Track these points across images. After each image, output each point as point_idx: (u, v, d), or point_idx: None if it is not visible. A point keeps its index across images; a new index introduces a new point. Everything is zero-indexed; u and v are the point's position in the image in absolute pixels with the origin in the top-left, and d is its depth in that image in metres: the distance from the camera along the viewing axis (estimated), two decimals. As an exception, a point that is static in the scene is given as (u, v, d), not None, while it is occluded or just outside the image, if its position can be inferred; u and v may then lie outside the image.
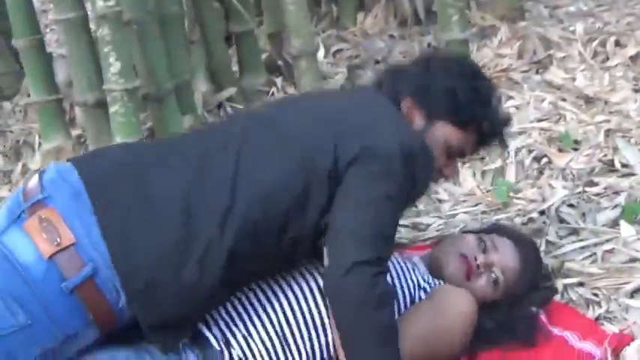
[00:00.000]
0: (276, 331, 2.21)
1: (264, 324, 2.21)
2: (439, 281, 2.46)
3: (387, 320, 2.12)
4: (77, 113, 3.84)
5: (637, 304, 2.53)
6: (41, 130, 3.70)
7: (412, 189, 2.24)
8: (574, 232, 2.92)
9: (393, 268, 2.37)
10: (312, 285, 2.27)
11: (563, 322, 2.48)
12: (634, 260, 2.72)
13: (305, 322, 2.23)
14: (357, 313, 2.08)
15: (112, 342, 2.14)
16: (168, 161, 2.18)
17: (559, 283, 2.64)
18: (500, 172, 3.36)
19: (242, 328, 2.20)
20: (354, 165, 2.17)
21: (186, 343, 2.17)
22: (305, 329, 2.23)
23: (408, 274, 2.40)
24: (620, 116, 3.59)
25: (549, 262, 2.74)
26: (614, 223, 2.92)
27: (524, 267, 2.52)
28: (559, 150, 3.42)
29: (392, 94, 2.35)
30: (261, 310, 2.23)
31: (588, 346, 2.38)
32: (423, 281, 2.42)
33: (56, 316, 2.02)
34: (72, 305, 2.03)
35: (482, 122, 2.38)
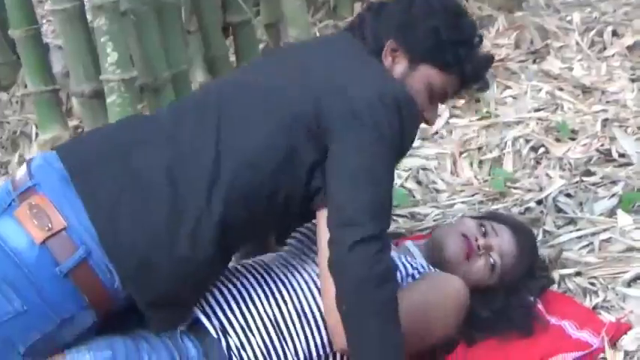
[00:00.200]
0: (273, 324, 2.21)
1: (262, 315, 2.21)
2: (430, 267, 2.46)
3: (389, 297, 2.09)
4: (74, 104, 3.83)
5: (634, 293, 2.54)
6: (38, 120, 3.69)
7: (400, 141, 2.19)
8: (571, 221, 2.93)
9: None
10: (309, 281, 2.27)
11: (560, 312, 2.49)
12: (631, 249, 2.73)
13: (299, 317, 2.22)
14: (359, 291, 2.07)
15: (109, 329, 2.15)
16: (147, 137, 2.17)
17: (556, 273, 2.65)
18: (498, 161, 3.36)
19: (240, 318, 2.20)
20: (339, 129, 2.14)
21: (183, 332, 2.17)
22: (300, 325, 2.22)
23: (397, 264, 2.38)
24: (617, 106, 3.60)
25: (546, 252, 2.74)
26: (612, 213, 2.93)
27: (521, 254, 2.53)
28: (556, 140, 3.43)
29: (374, 34, 2.31)
30: (258, 302, 2.22)
31: (585, 336, 2.38)
32: (412, 268, 2.41)
33: (51, 301, 2.03)
34: (66, 289, 2.03)
35: (465, 63, 2.33)
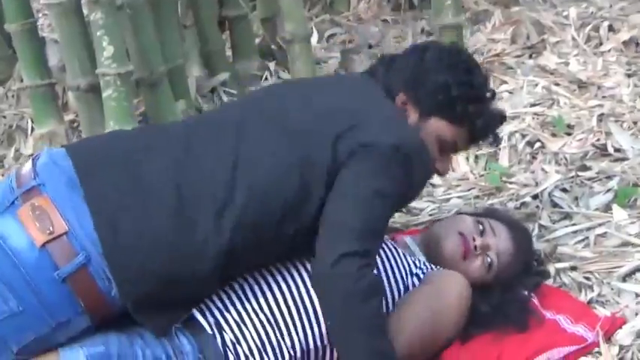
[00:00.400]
0: (268, 318, 2.21)
1: (257, 311, 2.21)
2: (431, 265, 2.47)
3: (374, 312, 2.11)
4: (70, 98, 3.82)
5: (629, 287, 2.54)
6: (34, 114, 3.69)
7: (409, 189, 2.25)
8: (567, 216, 2.93)
9: (384, 254, 2.37)
10: (305, 272, 2.26)
11: (555, 306, 2.49)
12: (626, 244, 2.73)
13: (298, 310, 2.22)
14: (343, 306, 2.08)
15: (104, 327, 2.14)
16: (160, 149, 2.17)
17: (552, 267, 2.65)
18: (494, 156, 3.36)
19: (235, 314, 2.20)
20: (350, 160, 2.17)
21: (178, 328, 2.17)
22: (298, 317, 2.22)
23: (399, 260, 2.40)
24: (613, 101, 3.60)
25: (542, 247, 2.75)
26: (607, 208, 2.93)
27: (517, 253, 2.53)
28: (552, 135, 3.43)
29: (385, 85, 2.35)
30: (253, 297, 2.22)
31: (580, 330, 2.39)
32: (415, 267, 2.42)
33: (48, 304, 2.02)
34: (64, 293, 2.03)
35: (476, 119, 2.37)
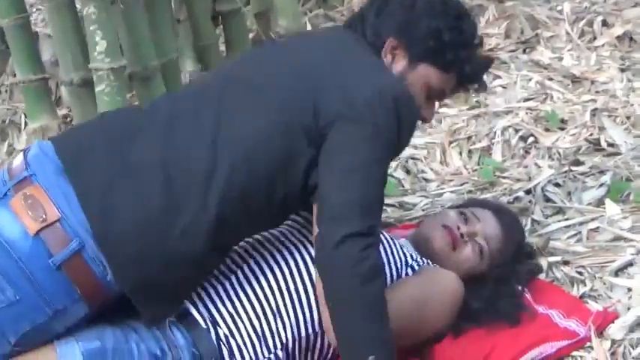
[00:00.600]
0: (264, 309, 2.20)
1: (252, 301, 2.21)
2: (427, 261, 2.47)
3: (376, 294, 2.09)
4: (63, 92, 3.82)
5: (621, 282, 2.55)
6: (27, 109, 3.67)
7: (397, 139, 2.19)
8: (560, 211, 2.94)
9: (382, 244, 2.35)
10: (299, 260, 2.26)
11: (547, 301, 2.49)
12: (619, 239, 2.73)
13: (291, 297, 2.22)
14: (346, 287, 2.07)
15: (100, 320, 2.14)
16: (143, 128, 2.16)
17: (544, 262, 2.65)
18: (487, 151, 3.37)
19: (229, 306, 2.19)
20: (336, 124, 2.13)
21: (172, 322, 2.17)
22: (290, 305, 2.22)
23: (395, 250, 2.40)
24: (606, 96, 3.60)
25: (534, 241, 2.75)
26: (600, 202, 2.94)
27: (506, 235, 2.54)
28: (545, 129, 3.43)
29: (374, 31, 2.30)
30: (247, 286, 2.22)
31: (572, 325, 2.39)
32: (411, 259, 2.42)
33: (44, 292, 2.02)
34: (59, 280, 2.03)
35: (465, 65, 2.33)
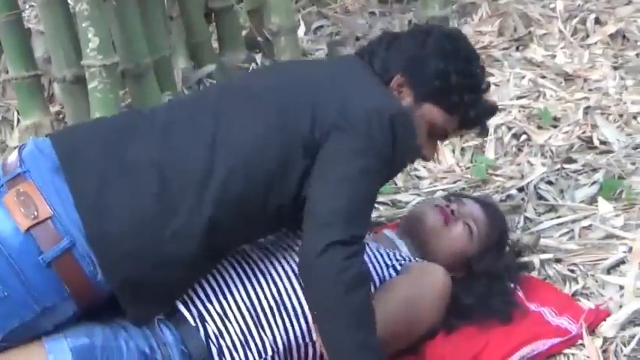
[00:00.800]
0: (251, 313, 2.19)
1: (239, 304, 2.20)
2: (410, 257, 2.47)
3: (360, 303, 2.08)
4: (55, 89, 3.82)
5: (613, 279, 2.55)
6: (19, 106, 3.68)
7: (391, 157, 2.19)
8: (552, 208, 2.94)
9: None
10: (289, 269, 2.25)
11: (539, 299, 2.49)
12: (611, 237, 2.74)
13: (278, 307, 2.20)
14: (330, 296, 2.06)
15: (88, 318, 2.13)
16: (141, 131, 2.16)
17: (536, 259, 2.65)
18: (480, 148, 3.37)
19: (217, 307, 2.19)
20: (332, 134, 2.14)
21: (161, 319, 2.16)
22: (278, 314, 2.21)
23: (374, 254, 2.39)
24: (599, 94, 3.61)
25: (527, 239, 2.75)
26: (592, 200, 2.94)
27: (492, 220, 2.58)
28: (538, 127, 3.44)
29: (383, 65, 2.32)
30: (235, 290, 2.21)
31: (564, 322, 2.39)
32: (391, 259, 2.41)
33: (33, 289, 2.02)
34: (49, 278, 2.02)
35: (470, 109, 2.37)
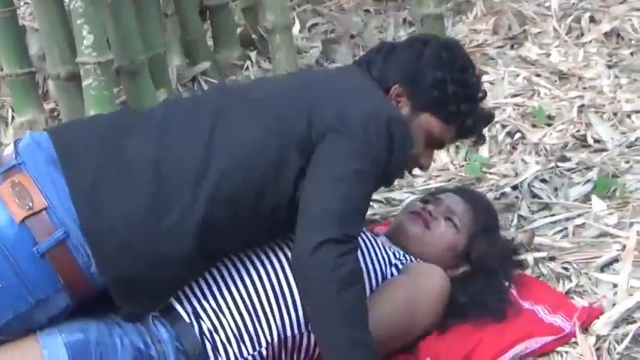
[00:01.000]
0: (247, 306, 2.20)
1: (235, 299, 2.20)
2: (410, 257, 2.47)
3: (353, 300, 2.09)
4: (50, 86, 3.82)
5: (607, 278, 2.55)
6: (14, 103, 3.68)
7: (387, 161, 2.22)
8: (546, 206, 2.95)
9: (364, 245, 2.36)
10: (284, 259, 2.25)
11: (533, 297, 2.49)
12: (604, 235, 2.74)
13: (276, 297, 2.21)
14: (322, 294, 2.07)
15: (83, 314, 2.13)
16: (139, 128, 2.17)
17: (530, 257, 2.65)
18: (474, 147, 3.36)
19: (212, 303, 2.19)
20: (328, 136, 2.17)
21: (156, 316, 2.16)
22: (276, 305, 2.21)
23: (378, 250, 2.40)
24: (593, 92, 3.62)
25: (521, 236, 2.75)
26: (586, 198, 2.95)
27: (473, 206, 2.57)
28: (532, 125, 3.44)
29: (381, 75, 2.36)
30: (231, 284, 2.21)
31: (558, 320, 2.39)
32: (395, 258, 2.43)
33: (27, 280, 2.02)
34: (43, 269, 2.02)
35: (466, 118, 2.40)
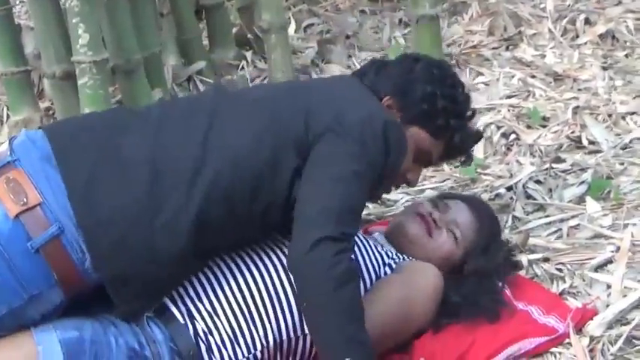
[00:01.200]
0: (242, 308, 2.19)
1: (230, 300, 2.20)
2: (404, 256, 2.48)
3: (350, 297, 2.09)
4: (45, 85, 3.82)
5: (601, 278, 2.56)
6: (9, 102, 3.67)
7: (383, 164, 2.23)
8: (540, 208, 2.95)
9: (357, 246, 2.36)
10: (282, 263, 2.24)
11: (527, 297, 2.50)
12: (599, 236, 2.75)
13: (271, 301, 2.21)
14: (319, 292, 2.07)
15: (77, 314, 2.13)
16: (136, 126, 2.18)
17: (524, 258, 2.66)
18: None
19: (207, 304, 2.19)
20: (325, 136, 2.19)
21: (150, 317, 2.16)
22: (271, 308, 2.21)
23: (371, 251, 2.40)
24: (588, 94, 3.62)
25: (516, 238, 2.76)
26: (580, 200, 2.95)
27: (478, 223, 2.56)
28: (527, 126, 3.45)
29: (373, 86, 2.38)
30: (226, 286, 2.21)
31: (552, 321, 2.40)
32: (388, 257, 2.43)
33: (21, 275, 2.02)
34: (37, 264, 2.03)
35: (455, 134, 2.43)
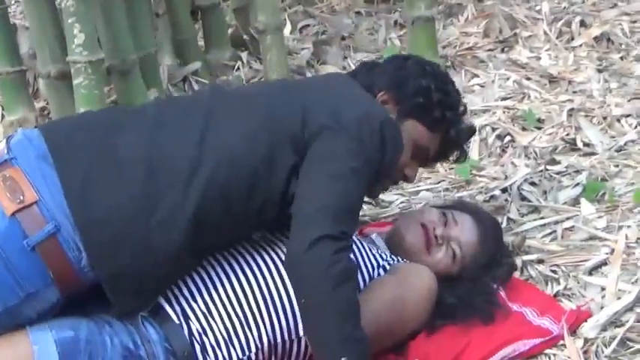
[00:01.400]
0: (235, 310, 2.19)
1: (224, 301, 2.20)
2: (398, 258, 2.47)
3: (348, 297, 2.09)
4: (41, 85, 3.81)
5: (595, 280, 2.56)
6: (4, 101, 3.67)
7: (380, 160, 2.23)
8: (535, 209, 2.95)
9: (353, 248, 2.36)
10: (274, 265, 2.25)
11: (521, 299, 2.50)
12: (593, 238, 2.75)
13: (266, 303, 2.21)
14: (318, 291, 2.07)
15: (73, 313, 2.13)
16: (132, 125, 2.19)
17: (519, 260, 2.66)
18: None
19: (201, 304, 2.19)
20: (322, 134, 2.19)
21: (145, 317, 2.16)
22: (266, 310, 2.21)
23: (365, 253, 2.40)
24: (583, 96, 3.63)
25: (510, 239, 2.76)
26: (575, 202, 2.95)
27: (482, 243, 2.53)
28: (522, 128, 3.45)
29: (366, 83, 2.39)
30: (220, 287, 2.21)
31: (546, 323, 2.40)
32: (382, 259, 2.42)
33: (17, 273, 2.02)
34: (33, 262, 2.03)
35: (450, 126, 2.44)
